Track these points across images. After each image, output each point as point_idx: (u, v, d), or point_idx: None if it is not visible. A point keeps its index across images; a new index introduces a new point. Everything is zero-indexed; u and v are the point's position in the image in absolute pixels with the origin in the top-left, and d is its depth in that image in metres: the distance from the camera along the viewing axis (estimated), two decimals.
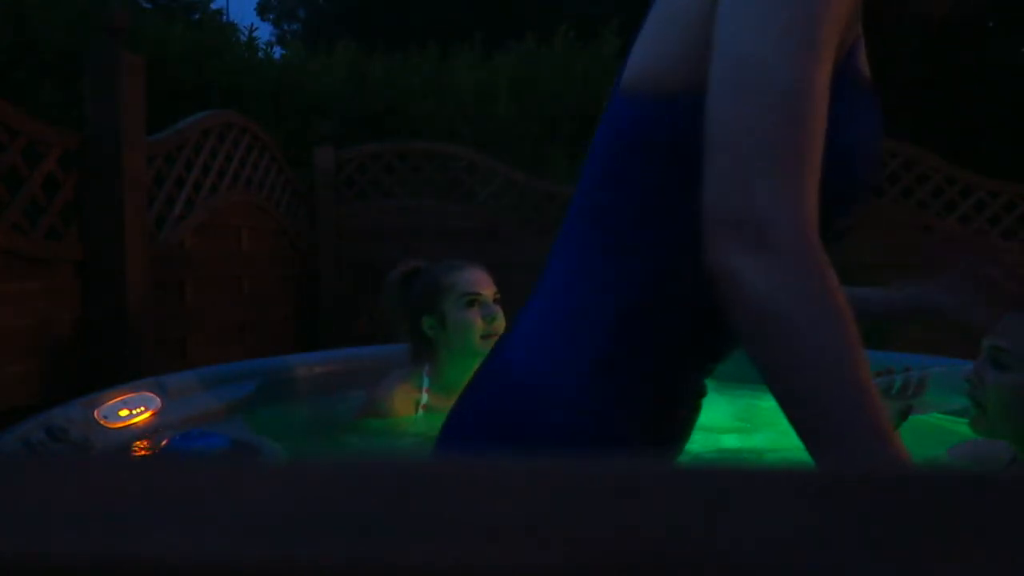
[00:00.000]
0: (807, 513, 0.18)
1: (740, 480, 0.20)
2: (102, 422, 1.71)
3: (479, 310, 1.84)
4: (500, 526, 0.17)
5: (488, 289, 1.87)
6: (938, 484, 0.20)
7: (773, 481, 0.20)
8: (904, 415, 1.36)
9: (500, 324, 1.84)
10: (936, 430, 1.78)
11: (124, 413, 1.78)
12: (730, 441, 2.00)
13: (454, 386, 1.91)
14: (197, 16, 6.00)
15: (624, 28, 8.93)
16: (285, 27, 15.75)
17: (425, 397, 1.86)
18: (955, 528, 0.17)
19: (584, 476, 0.20)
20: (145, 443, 1.76)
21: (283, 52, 6.91)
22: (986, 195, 4.59)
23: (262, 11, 15.94)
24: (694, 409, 0.86)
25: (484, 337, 1.83)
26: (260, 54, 5.27)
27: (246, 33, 5.21)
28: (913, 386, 1.37)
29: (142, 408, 1.83)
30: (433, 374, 1.90)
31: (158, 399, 1.89)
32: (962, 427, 1.44)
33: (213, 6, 6.39)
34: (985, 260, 1.07)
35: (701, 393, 0.86)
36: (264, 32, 15.61)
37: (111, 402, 1.78)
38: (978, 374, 1.21)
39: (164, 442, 1.72)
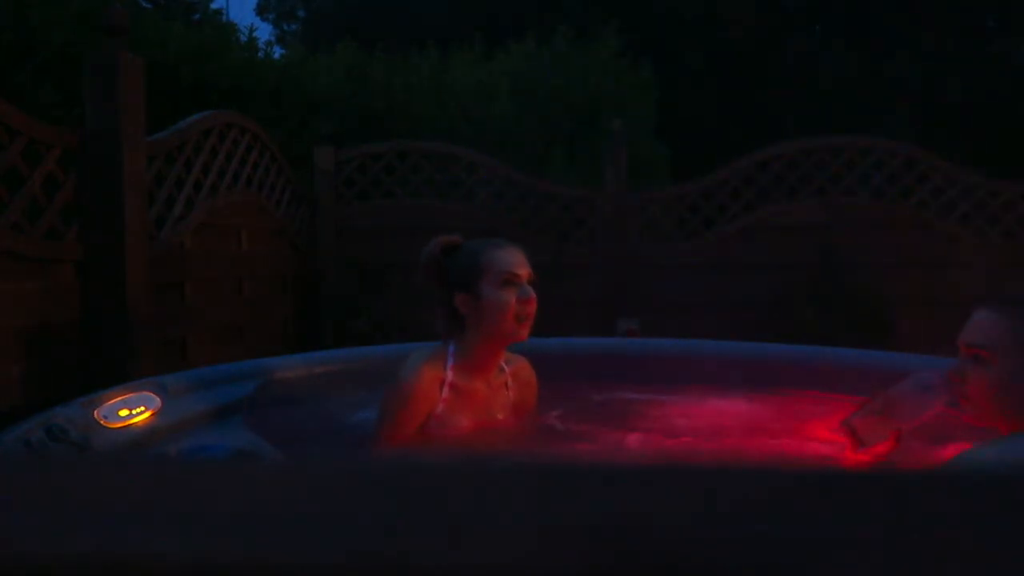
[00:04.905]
0: (798, 512, 0.18)
1: (731, 478, 0.20)
2: (102, 422, 1.71)
3: (515, 291, 1.79)
4: (499, 525, 0.17)
5: (524, 270, 1.82)
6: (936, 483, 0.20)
7: (762, 479, 0.20)
8: (898, 437, 1.50)
9: (534, 306, 1.79)
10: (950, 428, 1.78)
11: (124, 413, 1.78)
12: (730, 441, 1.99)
13: (480, 365, 1.84)
14: (197, 16, 6.00)
15: (623, 28, 8.93)
16: (285, 27, 15.75)
17: (450, 375, 1.81)
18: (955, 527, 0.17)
19: (579, 474, 0.20)
20: (146, 449, 1.75)
21: (283, 52, 6.91)
22: (986, 195, 4.58)
23: (262, 11, 15.92)
24: None
25: (517, 318, 1.78)
26: (260, 54, 5.27)
27: (246, 33, 5.20)
28: (888, 404, 1.50)
29: (142, 408, 1.83)
30: (459, 352, 1.84)
31: (158, 399, 1.88)
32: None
33: (213, 6, 6.38)
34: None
35: None
36: (264, 32, 15.59)
37: (111, 402, 1.78)
38: (959, 372, 1.36)
39: (172, 452, 1.71)
